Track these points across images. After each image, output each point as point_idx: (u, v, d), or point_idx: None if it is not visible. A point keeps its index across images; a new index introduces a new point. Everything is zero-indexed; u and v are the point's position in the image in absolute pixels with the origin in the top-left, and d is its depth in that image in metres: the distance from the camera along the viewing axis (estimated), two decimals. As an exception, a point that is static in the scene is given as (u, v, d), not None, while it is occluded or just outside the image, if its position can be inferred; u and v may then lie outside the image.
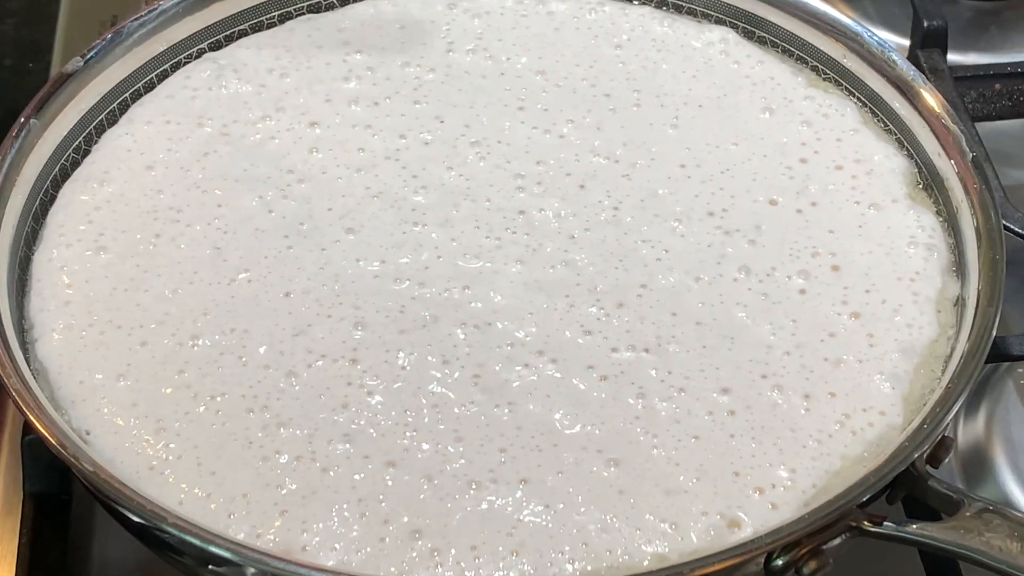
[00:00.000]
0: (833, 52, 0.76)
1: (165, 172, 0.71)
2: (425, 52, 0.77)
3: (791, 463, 0.61)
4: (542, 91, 0.75)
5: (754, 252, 0.68)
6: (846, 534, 0.58)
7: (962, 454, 0.74)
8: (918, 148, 0.72)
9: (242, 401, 0.62)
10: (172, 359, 0.63)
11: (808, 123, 0.74)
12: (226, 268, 0.67)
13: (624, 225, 0.69)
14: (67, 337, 0.64)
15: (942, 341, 0.65)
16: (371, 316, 0.65)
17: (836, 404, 0.63)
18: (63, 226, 0.69)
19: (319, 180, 0.71)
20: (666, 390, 0.63)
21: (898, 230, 0.69)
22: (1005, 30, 0.96)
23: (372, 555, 0.58)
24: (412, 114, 0.74)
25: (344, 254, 0.68)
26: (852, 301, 0.66)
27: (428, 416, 0.62)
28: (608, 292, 0.66)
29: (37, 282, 0.67)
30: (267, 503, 0.59)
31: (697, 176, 0.71)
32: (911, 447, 0.59)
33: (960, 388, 0.61)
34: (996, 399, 0.75)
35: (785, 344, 0.65)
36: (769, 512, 0.59)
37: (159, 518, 0.56)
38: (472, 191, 0.70)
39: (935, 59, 0.86)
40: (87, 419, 0.62)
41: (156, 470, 0.60)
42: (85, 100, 0.72)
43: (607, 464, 0.60)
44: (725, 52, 0.77)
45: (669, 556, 0.58)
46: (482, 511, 0.59)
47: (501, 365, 0.63)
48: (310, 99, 0.74)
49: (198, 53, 0.77)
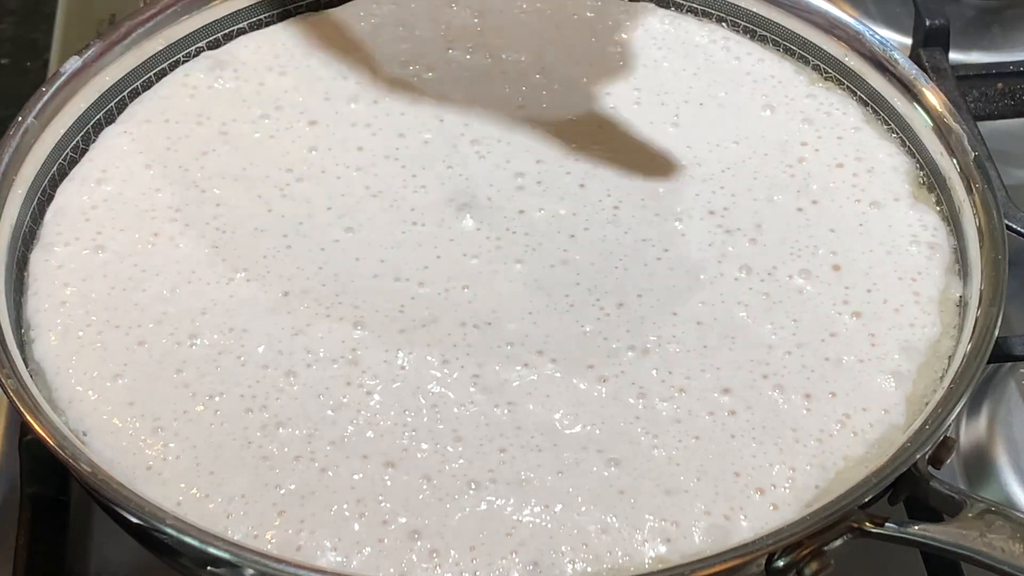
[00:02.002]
0: (835, 51, 0.75)
1: (163, 171, 0.71)
2: (425, 50, 0.76)
3: (792, 463, 0.60)
4: (542, 90, 0.75)
5: (755, 251, 0.68)
6: (848, 535, 0.58)
7: (964, 455, 0.73)
8: (920, 147, 0.72)
9: (240, 401, 0.62)
10: (170, 359, 0.63)
11: (809, 121, 0.73)
12: (224, 267, 0.67)
13: (624, 224, 0.69)
14: (64, 337, 0.64)
15: (945, 341, 0.65)
16: (370, 316, 0.65)
17: (837, 404, 0.62)
18: (60, 225, 0.68)
19: (318, 179, 0.70)
20: (666, 390, 0.63)
21: (899, 229, 0.69)
22: (1007, 29, 0.96)
23: (371, 556, 0.58)
24: (412, 112, 0.74)
25: (343, 253, 0.67)
26: (853, 300, 0.66)
27: (427, 416, 0.62)
28: (608, 291, 0.66)
29: (34, 282, 0.66)
30: (266, 503, 0.59)
31: (698, 175, 0.71)
32: (913, 448, 0.59)
33: (962, 389, 0.60)
34: (998, 400, 0.74)
35: (786, 344, 0.64)
36: (770, 513, 0.59)
37: (157, 519, 0.56)
38: (472, 190, 0.70)
39: (937, 58, 0.86)
40: (84, 419, 0.61)
41: (154, 470, 0.60)
42: (83, 99, 0.72)
43: (607, 464, 0.60)
44: (726, 50, 0.77)
45: (670, 557, 0.58)
46: (481, 511, 0.59)
47: (501, 365, 0.63)
48: (309, 98, 0.74)
49: (196, 51, 0.76)
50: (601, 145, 0.72)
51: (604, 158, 0.72)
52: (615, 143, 0.72)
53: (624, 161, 0.71)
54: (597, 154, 0.72)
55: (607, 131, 0.73)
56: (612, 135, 0.73)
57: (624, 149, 0.72)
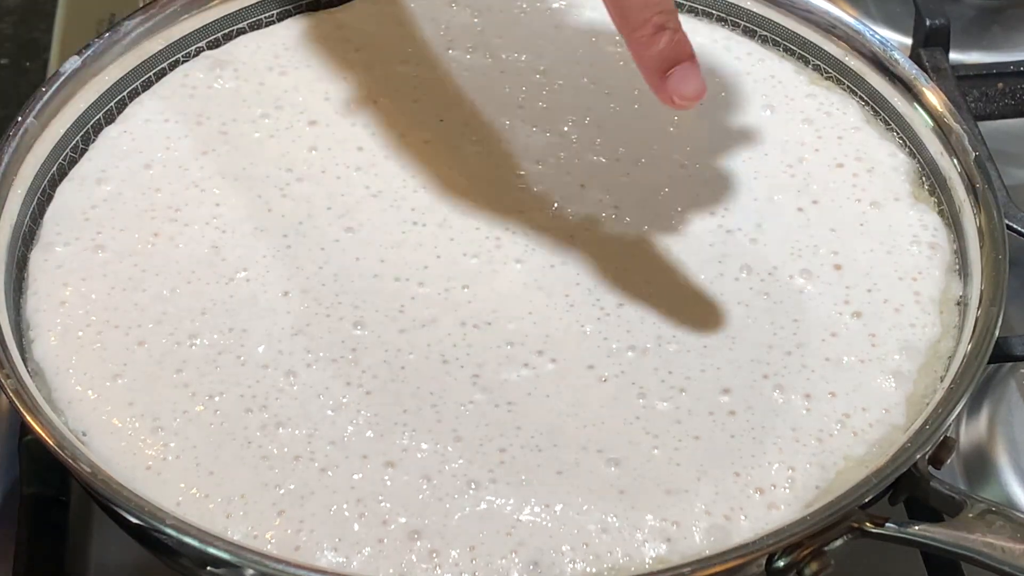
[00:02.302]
0: (835, 51, 0.75)
1: (163, 171, 0.71)
2: (425, 50, 0.76)
3: (792, 463, 0.60)
4: (542, 89, 0.75)
5: (755, 251, 0.68)
6: (848, 535, 0.58)
7: (964, 455, 0.73)
8: (920, 147, 0.72)
9: (240, 401, 0.62)
10: (170, 358, 0.63)
11: (809, 121, 0.73)
12: (224, 267, 0.67)
13: (624, 224, 0.69)
14: (64, 337, 0.64)
15: (945, 341, 0.65)
16: (370, 315, 0.65)
17: (837, 404, 0.62)
18: (60, 225, 0.68)
19: (318, 179, 0.70)
20: (667, 390, 0.62)
21: (900, 229, 0.69)
22: (1008, 29, 0.96)
23: (371, 556, 0.57)
24: (412, 113, 0.73)
25: (343, 253, 0.67)
26: (854, 300, 0.66)
27: (427, 416, 0.61)
28: (608, 291, 0.66)
29: (34, 282, 0.66)
30: (265, 503, 0.59)
31: (698, 175, 0.71)
32: (913, 448, 0.58)
33: (962, 389, 0.60)
34: (998, 400, 0.74)
35: (786, 344, 0.64)
36: (770, 513, 0.59)
37: (157, 519, 0.56)
38: (472, 190, 0.70)
39: (937, 58, 0.86)
40: (84, 419, 0.61)
41: (153, 470, 0.60)
42: (83, 99, 0.72)
43: (607, 464, 0.60)
44: (727, 49, 0.77)
45: (670, 557, 0.58)
46: (481, 511, 0.59)
47: (501, 364, 0.63)
48: (309, 97, 0.74)
49: (196, 51, 0.76)
50: (601, 146, 0.72)
51: (604, 158, 0.71)
52: (615, 143, 0.72)
53: (624, 161, 0.71)
54: (597, 154, 0.72)
55: (608, 131, 0.73)
56: (612, 135, 0.72)
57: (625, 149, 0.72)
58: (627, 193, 0.70)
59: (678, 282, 0.66)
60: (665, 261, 0.67)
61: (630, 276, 0.67)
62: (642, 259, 0.67)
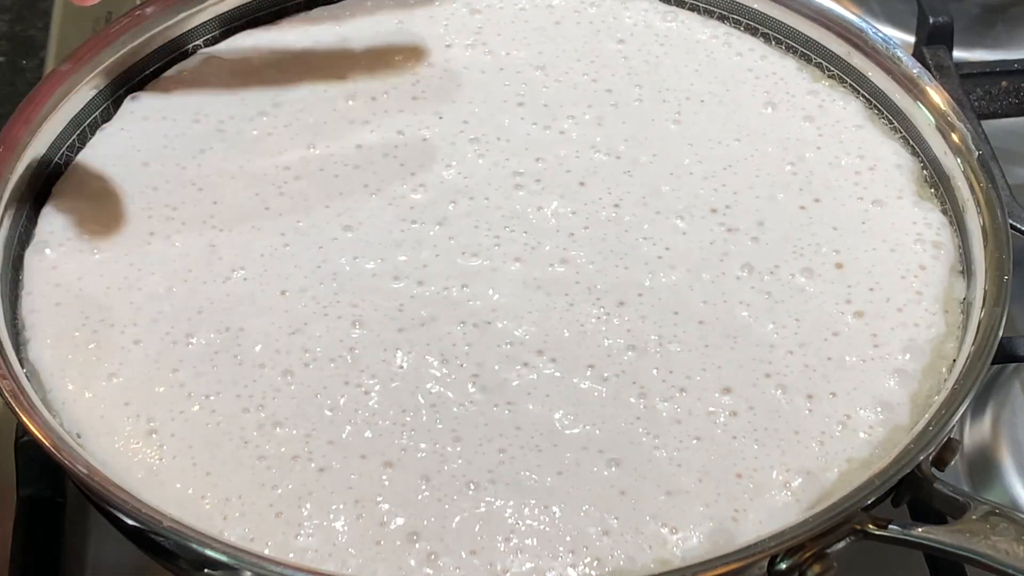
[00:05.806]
0: (838, 48, 0.75)
1: (160, 169, 0.70)
2: (424, 47, 0.76)
3: (794, 465, 0.60)
4: (542, 86, 0.74)
5: (757, 249, 0.67)
6: (851, 537, 0.57)
7: (968, 456, 0.73)
8: (923, 146, 0.72)
9: (237, 400, 0.61)
10: (166, 358, 0.63)
11: (811, 119, 0.73)
12: (221, 266, 0.66)
13: (625, 223, 0.68)
14: (59, 337, 0.63)
15: (949, 341, 0.64)
16: (369, 314, 0.65)
17: (839, 404, 0.62)
18: (55, 224, 0.68)
19: (316, 177, 0.70)
20: (667, 390, 0.62)
21: (903, 227, 0.68)
22: (1011, 27, 0.96)
23: (369, 558, 0.57)
24: (410, 110, 0.73)
25: (341, 252, 0.67)
26: (856, 300, 0.65)
27: (426, 416, 0.61)
28: (608, 290, 0.65)
29: (29, 281, 0.66)
30: (262, 504, 0.58)
31: (699, 172, 0.71)
32: (916, 449, 0.58)
33: (966, 389, 0.60)
34: (1002, 401, 0.74)
35: (788, 343, 0.64)
36: (772, 515, 0.58)
37: (154, 521, 0.56)
38: (471, 188, 0.70)
39: (941, 56, 0.86)
40: (79, 420, 0.61)
41: (150, 471, 0.59)
42: (79, 97, 0.72)
43: (608, 465, 0.60)
44: (728, 46, 0.76)
45: (671, 559, 0.57)
46: (481, 512, 0.58)
47: (500, 364, 0.63)
48: (307, 95, 0.74)
49: (193, 49, 0.76)
50: (601, 143, 0.72)
51: (605, 156, 0.71)
52: (616, 140, 0.72)
53: (625, 159, 0.71)
54: (598, 152, 0.71)
55: (608, 128, 0.72)
56: (613, 132, 0.72)
57: (625, 146, 0.72)
58: (628, 190, 0.70)
59: (679, 281, 0.66)
60: (666, 260, 0.67)
61: (631, 275, 0.66)
62: (643, 258, 0.67)
